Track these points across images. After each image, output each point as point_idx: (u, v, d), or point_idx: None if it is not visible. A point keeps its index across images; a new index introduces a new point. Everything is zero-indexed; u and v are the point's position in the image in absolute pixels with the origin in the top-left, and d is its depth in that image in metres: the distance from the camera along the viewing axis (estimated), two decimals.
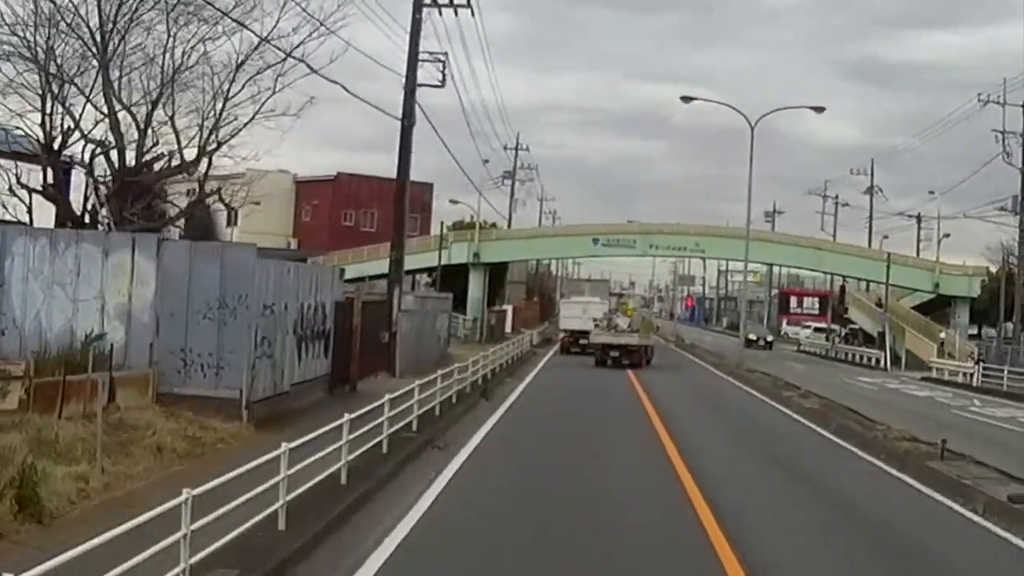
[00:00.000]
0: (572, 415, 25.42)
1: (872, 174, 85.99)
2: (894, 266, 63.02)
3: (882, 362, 60.09)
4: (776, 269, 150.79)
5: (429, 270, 67.56)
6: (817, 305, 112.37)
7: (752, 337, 71.87)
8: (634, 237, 62.71)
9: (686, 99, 46.88)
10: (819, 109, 46.84)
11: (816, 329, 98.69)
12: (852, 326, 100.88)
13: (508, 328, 78.46)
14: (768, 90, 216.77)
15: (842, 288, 70.91)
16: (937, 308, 72.79)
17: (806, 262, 64.46)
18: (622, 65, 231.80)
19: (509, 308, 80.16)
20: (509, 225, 76.38)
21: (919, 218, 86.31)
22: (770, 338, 77.97)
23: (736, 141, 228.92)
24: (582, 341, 52.95)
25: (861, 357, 64.07)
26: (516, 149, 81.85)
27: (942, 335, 64.00)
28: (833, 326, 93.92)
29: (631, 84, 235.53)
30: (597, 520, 12.84)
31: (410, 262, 66.22)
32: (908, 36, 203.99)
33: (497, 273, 69.01)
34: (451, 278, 66.71)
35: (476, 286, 63.41)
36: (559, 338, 60.58)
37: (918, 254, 75.07)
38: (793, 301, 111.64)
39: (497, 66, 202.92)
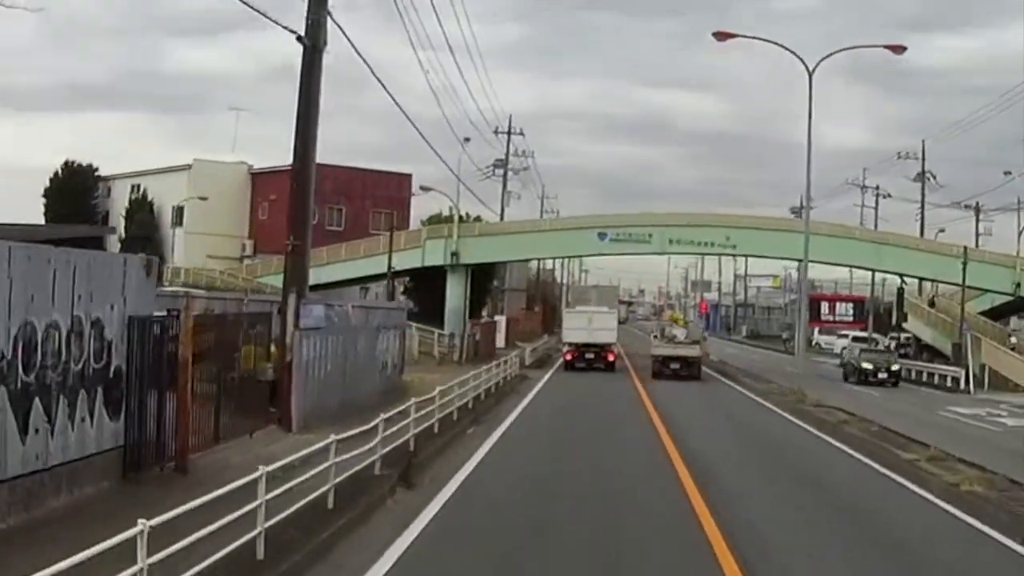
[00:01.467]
0: (559, 535, 13.46)
1: (923, 158, 74.27)
2: (968, 263, 51.11)
3: (961, 382, 48.11)
4: (793, 273, 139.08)
5: (401, 274, 55.83)
6: (851, 311, 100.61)
7: (867, 367, 48.24)
8: (649, 230, 50.87)
9: (721, 36, 35.20)
10: (898, 49, 35.12)
11: (855, 339, 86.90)
12: (894, 335, 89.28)
13: (502, 343, 66.78)
14: (776, 94, 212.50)
15: (900, 291, 58.94)
16: (1010, 312, 60.94)
17: (863, 259, 52.45)
18: (628, 71, 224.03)
19: (502, 319, 68.45)
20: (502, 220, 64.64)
21: (977, 209, 74.66)
22: (896, 367, 49.73)
23: (743, 145, 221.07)
24: (588, 355, 46.87)
25: (931, 376, 52.07)
26: (508, 133, 70.21)
27: (1012, 340, 52.50)
28: (875, 335, 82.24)
29: (637, 90, 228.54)
30: None
31: (375, 265, 54.61)
32: (914, 39, 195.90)
33: (483, 277, 57.17)
34: (428, 284, 54.96)
35: (455, 293, 51.65)
36: (563, 351, 50.93)
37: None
38: (825, 307, 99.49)
39: (503, 75, 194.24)
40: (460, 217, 53.28)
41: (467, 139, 51.12)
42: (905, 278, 59.45)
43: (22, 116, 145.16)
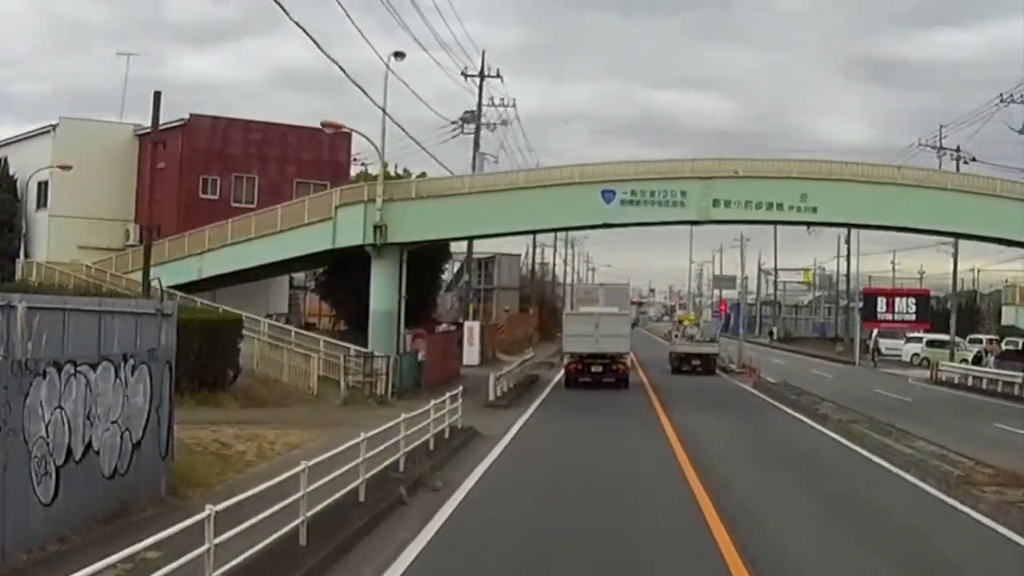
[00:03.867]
0: None
1: None
2: None
3: None
4: (828, 266, 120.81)
5: (306, 262, 37.93)
6: (914, 308, 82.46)
7: None
8: (682, 186, 32.74)
9: None
10: None
11: (931, 343, 68.98)
12: (975, 338, 71.89)
13: (474, 358, 49.08)
14: (781, 90, 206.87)
15: None
16: None
17: (1013, 228, 33.64)
18: (631, 72, 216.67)
19: (474, 325, 50.62)
20: None
21: None
22: None
23: (748, 141, 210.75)
24: (594, 368, 38.66)
25: None
26: (481, 76, 52.12)
27: None
28: (950, 337, 64.72)
29: (641, 90, 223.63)
30: None
31: (273, 249, 36.81)
32: (919, 34, 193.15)
33: (428, 264, 38.89)
34: (349, 276, 37.14)
35: (383, 288, 33.49)
36: (564, 363, 41.42)
37: None
38: (881, 303, 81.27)
39: (509, 78, 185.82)
40: (391, 173, 35.40)
41: (399, 53, 33.14)
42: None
43: (22, 124, 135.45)
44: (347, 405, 28.84)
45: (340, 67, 30.05)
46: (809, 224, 37.70)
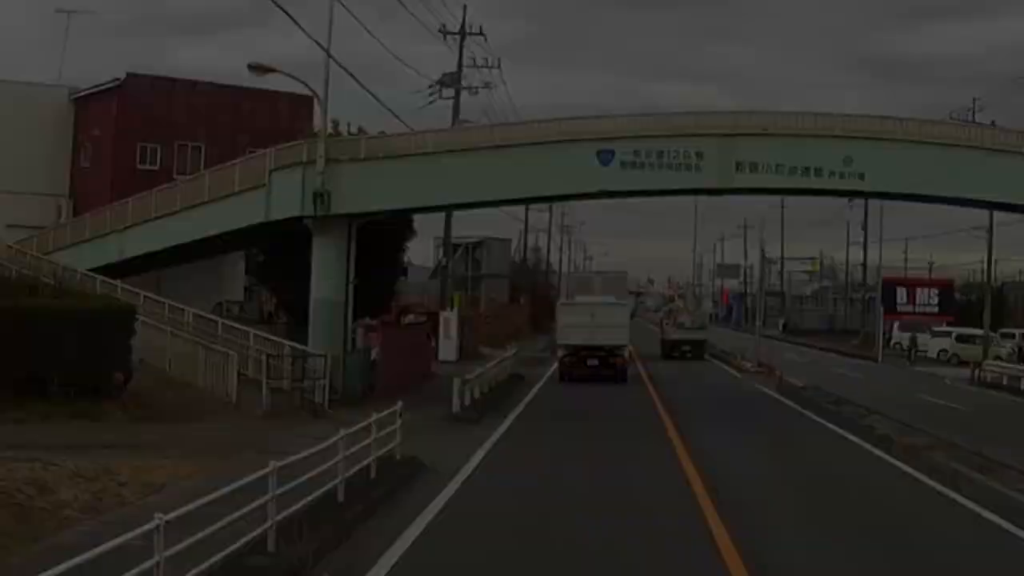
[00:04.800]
0: None
1: None
2: None
3: None
4: (836, 255, 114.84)
5: (238, 240, 31.64)
6: (936, 299, 76.40)
7: None
8: (697, 145, 26.33)
9: None
10: None
11: (960, 338, 62.77)
12: (1008, 332, 65.98)
13: (452, 354, 43.09)
14: (781, 84, 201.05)
15: None
16: None
17: None
18: (632, 65, 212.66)
19: (451, 317, 44.47)
20: None
21: None
22: None
23: None
24: (591, 362, 36.86)
25: None
26: (462, 33, 45.81)
27: None
28: (984, 332, 58.69)
29: (643, 83, 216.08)
30: None
31: (197, 223, 30.43)
32: (921, 27, 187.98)
33: (386, 241, 32.20)
34: (291, 258, 30.72)
35: (327, 272, 27.10)
36: (559, 356, 39.29)
37: None
38: (901, 294, 75.30)
39: (509, 70, 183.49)
40: (343, 132, 29.15)
41: None
42: None
43: None
44: (270, 418, 22.61)
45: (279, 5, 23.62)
46: (853, 194, 31.39)
